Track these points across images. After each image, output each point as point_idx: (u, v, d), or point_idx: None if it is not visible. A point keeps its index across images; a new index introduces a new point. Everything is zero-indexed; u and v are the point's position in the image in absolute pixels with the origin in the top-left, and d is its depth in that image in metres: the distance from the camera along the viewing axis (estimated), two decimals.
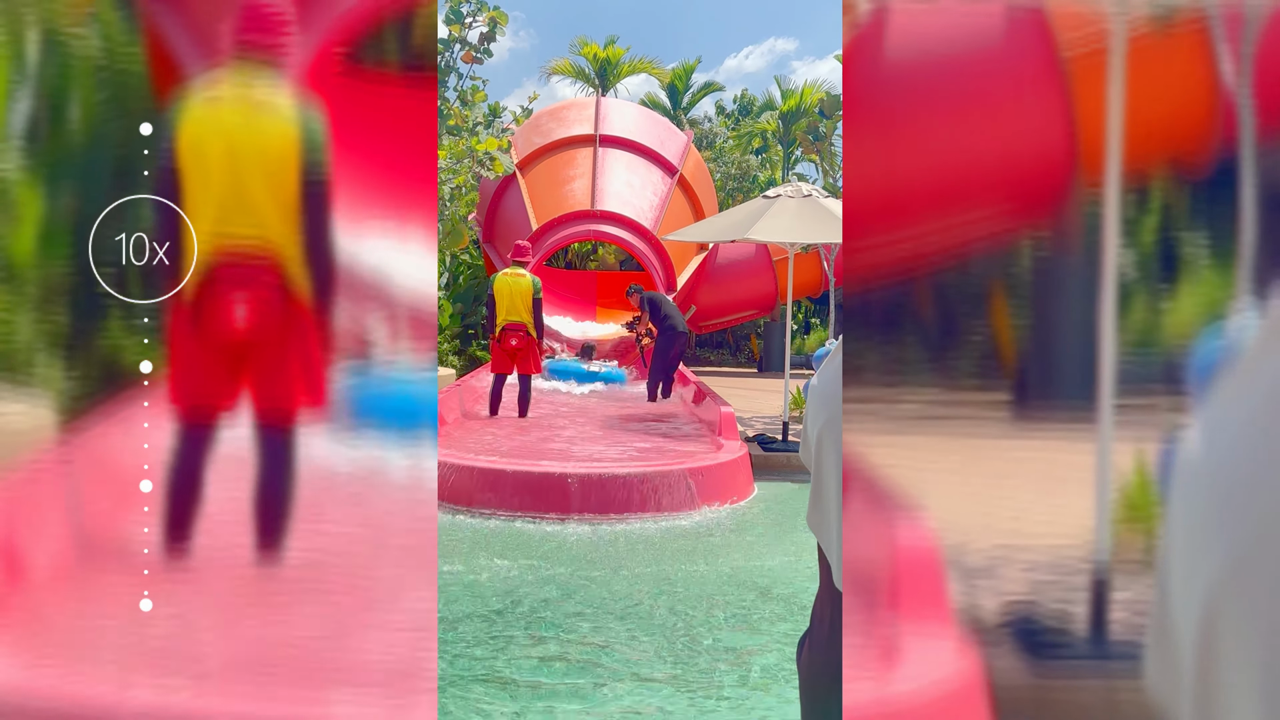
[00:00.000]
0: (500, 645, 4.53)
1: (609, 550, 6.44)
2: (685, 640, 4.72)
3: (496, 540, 6.57)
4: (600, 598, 5.38)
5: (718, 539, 6.83)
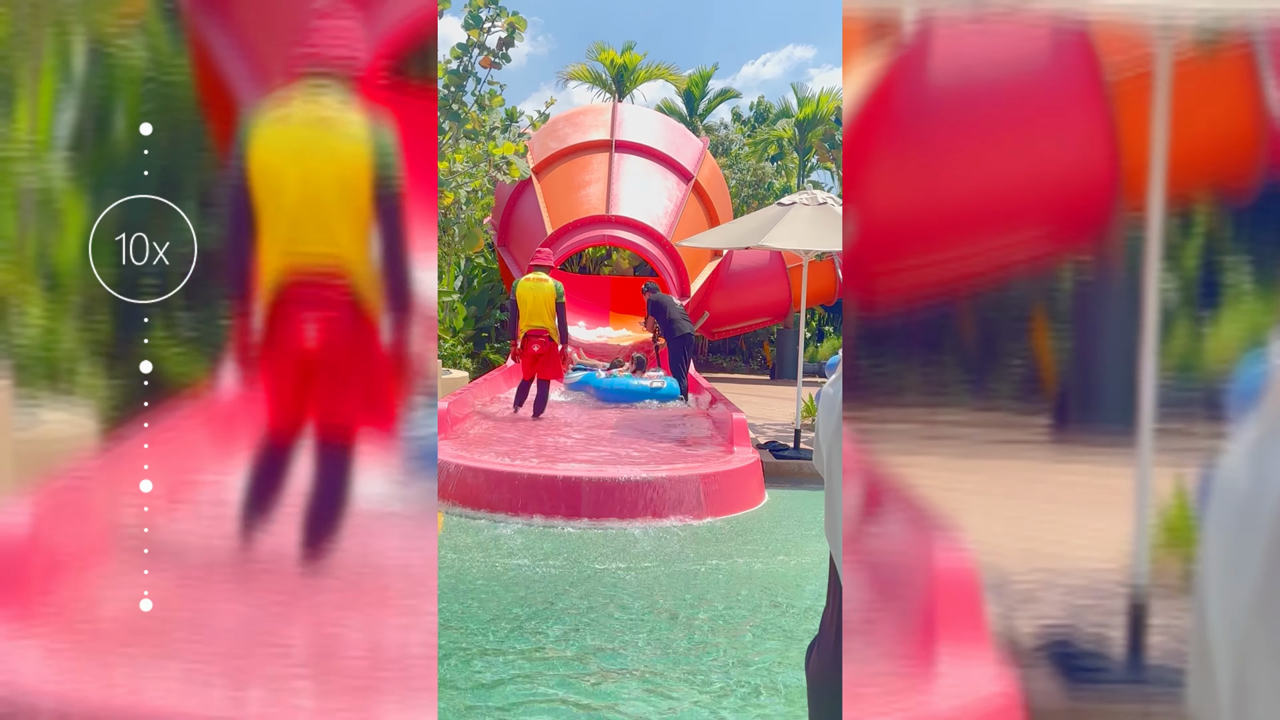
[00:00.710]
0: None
1: (618, 553, 6.45)
2: (692, 645, 4.72)
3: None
4: (608, 600, 5.38)
5: (727, 545, 6.83)
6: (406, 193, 2.48)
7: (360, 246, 2.43)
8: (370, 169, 2.45)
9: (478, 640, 4.70)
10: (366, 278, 2.44)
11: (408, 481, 2.42)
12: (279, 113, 2.44)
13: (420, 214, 2.57)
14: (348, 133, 2.44)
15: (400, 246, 2.45)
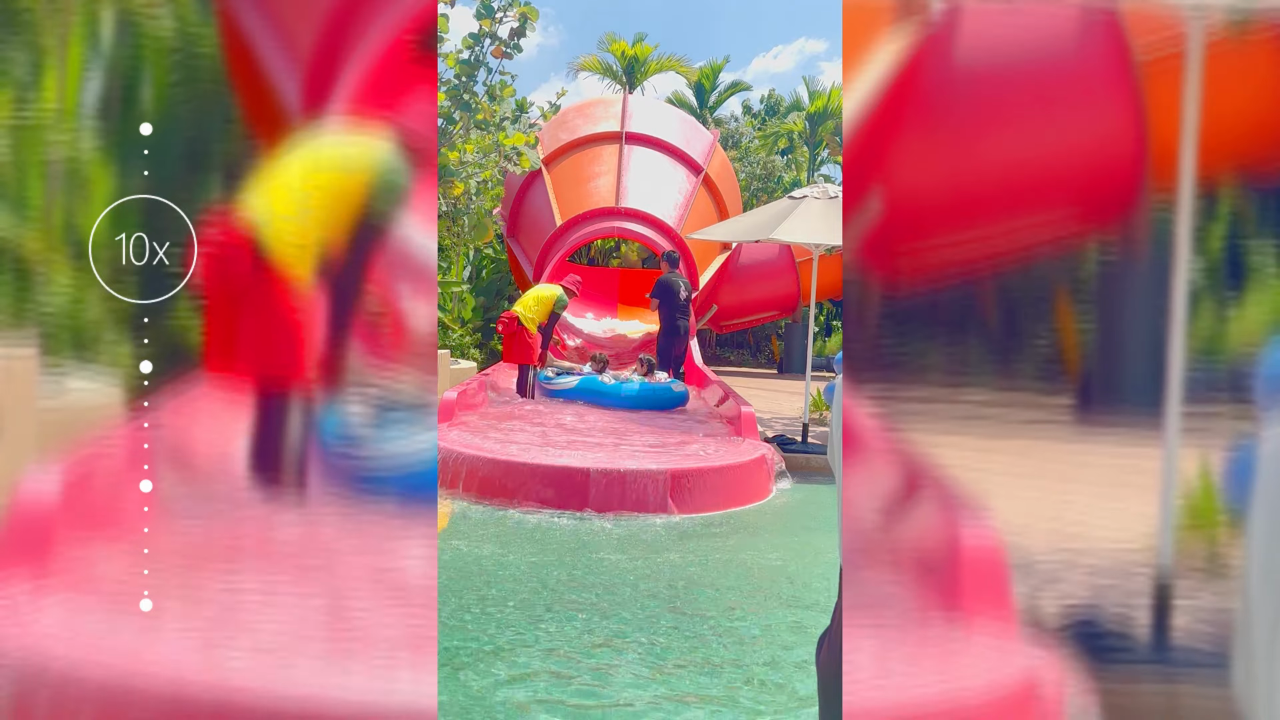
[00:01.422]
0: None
1: (627, 544, 6.44)
2: (700, 637, 4.70)
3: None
4: (615, 591, 5.38)
5: (734, 539, 6.81)
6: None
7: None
8: (364, 194, 2.50)
9: (486, 629, 4.70)
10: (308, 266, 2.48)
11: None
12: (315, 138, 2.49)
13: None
14: (365, 150, 2.48)
15: (361, 266, 2.50)
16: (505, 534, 6.57)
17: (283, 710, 2.08)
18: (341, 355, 2.56)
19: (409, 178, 2.54)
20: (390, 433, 2.55)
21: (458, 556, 5.85)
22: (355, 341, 2.56)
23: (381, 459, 2.53)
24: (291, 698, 2.09)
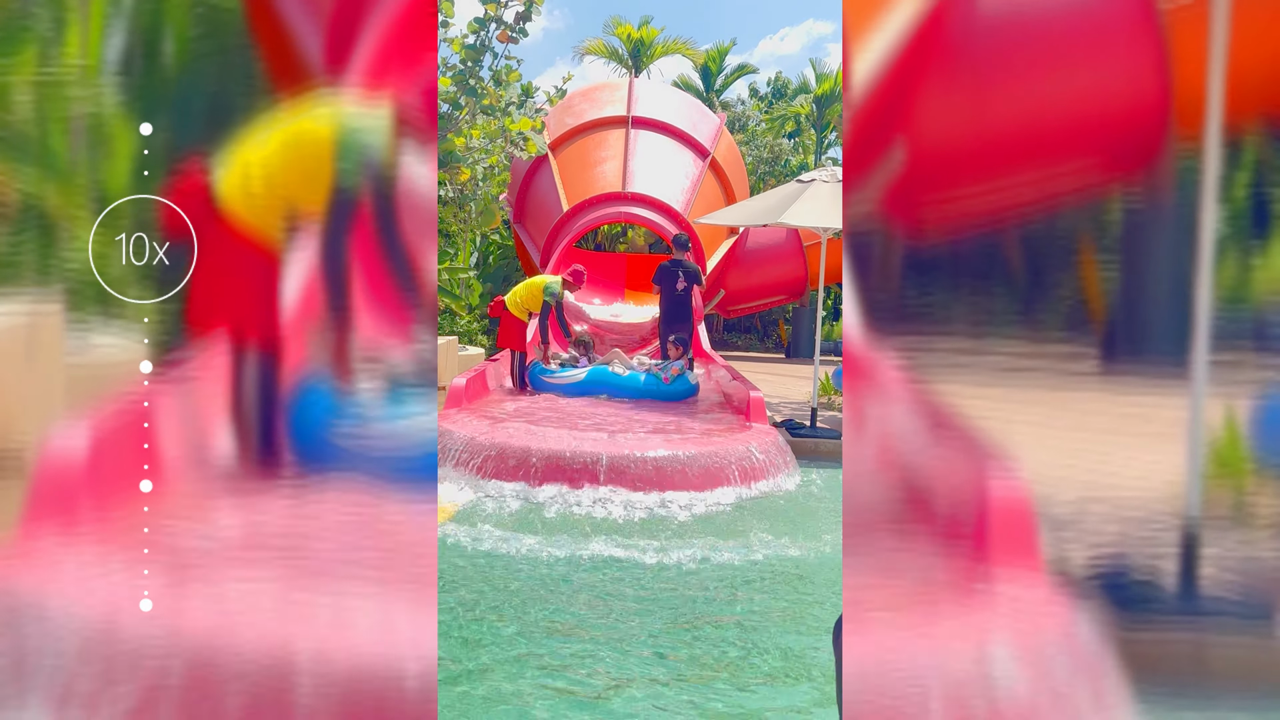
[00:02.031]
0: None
1: (639, 527, 6.44)
2: (708, 622, 4.70)
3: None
4: (624, 573, 5.39)
5: (743, 522, 6.81)
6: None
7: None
8: (333, 160, 2.48)
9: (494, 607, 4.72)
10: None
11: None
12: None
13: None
14: (329, 112, 2.46)
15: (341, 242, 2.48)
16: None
17: (289, 662, 2.10)
18: (333, 319, 2.55)
19: (382, 136, 2.50)
20: (390, 398, 2.55)
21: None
22: (348, 306, 2.55)
23: (382, 423, 2.53)
24: (299, 651, 2.12)
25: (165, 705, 2.12)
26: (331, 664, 2.10)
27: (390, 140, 2.46)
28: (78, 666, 2.15)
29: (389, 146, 2.47)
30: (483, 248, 18.55)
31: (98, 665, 2.15)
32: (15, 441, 2.27)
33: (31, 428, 2.27)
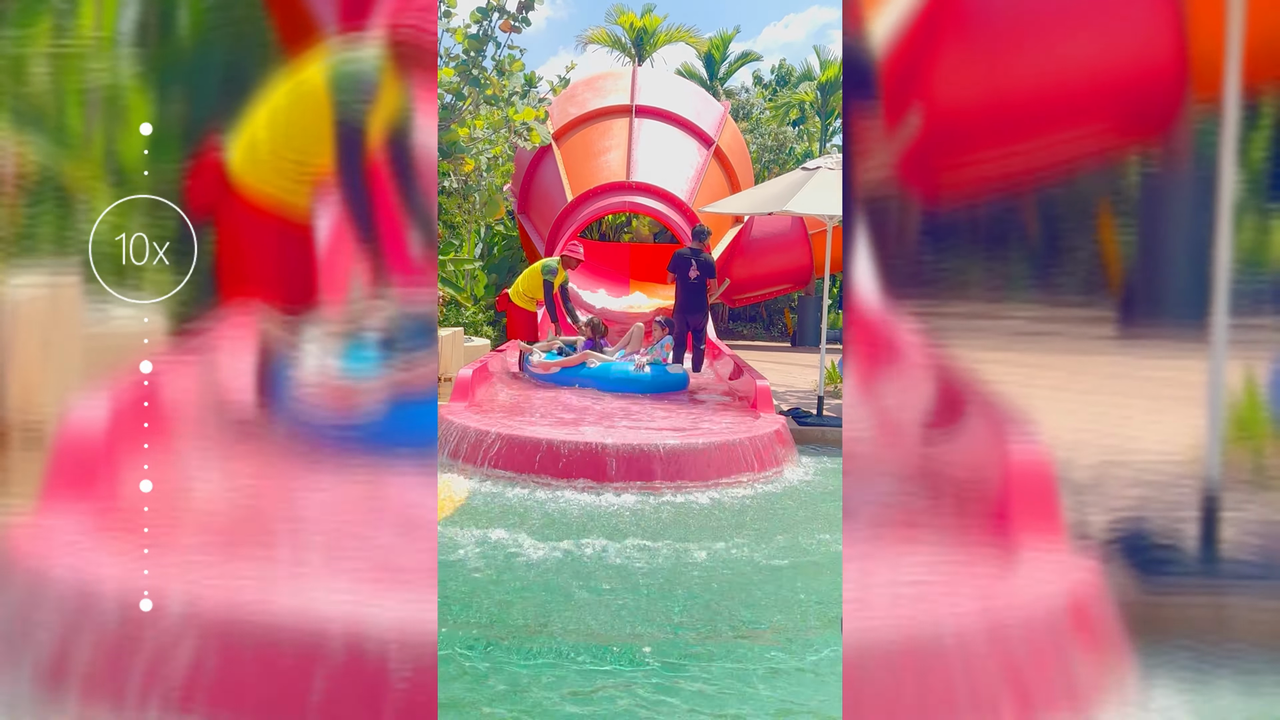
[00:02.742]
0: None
1: (646, 518, 6.42)
2: (717, 610, 4.68)
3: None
4: (630, 563, 5.37)
5: (751, 512, 6.79)
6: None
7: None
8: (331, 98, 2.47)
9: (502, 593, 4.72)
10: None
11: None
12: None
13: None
14: (320, 58, 2.46)
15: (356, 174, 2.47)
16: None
17: (296, 626, 2.12)
18: (354, 281, 2.54)
19: (373, 66, 2.48)
20: (389, 358, 2.54)
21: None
22: (364, 263, 2.53)
23: (380, 385, 2.52)
24: (306, 615, 2.14)
25: (173, 676, 2.13)
26: (333, 637, 2.12)
27: (385, 65, 2.45)
28: (85, 636, 2.16)
29: (384, 70, 2.46)
30: (487, 239, 18.52)
31: (104, 635, 2.16)
32: (35, 414, 2.27)
33: (50, 400, 2.27)
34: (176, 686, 2.13)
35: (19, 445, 2.29)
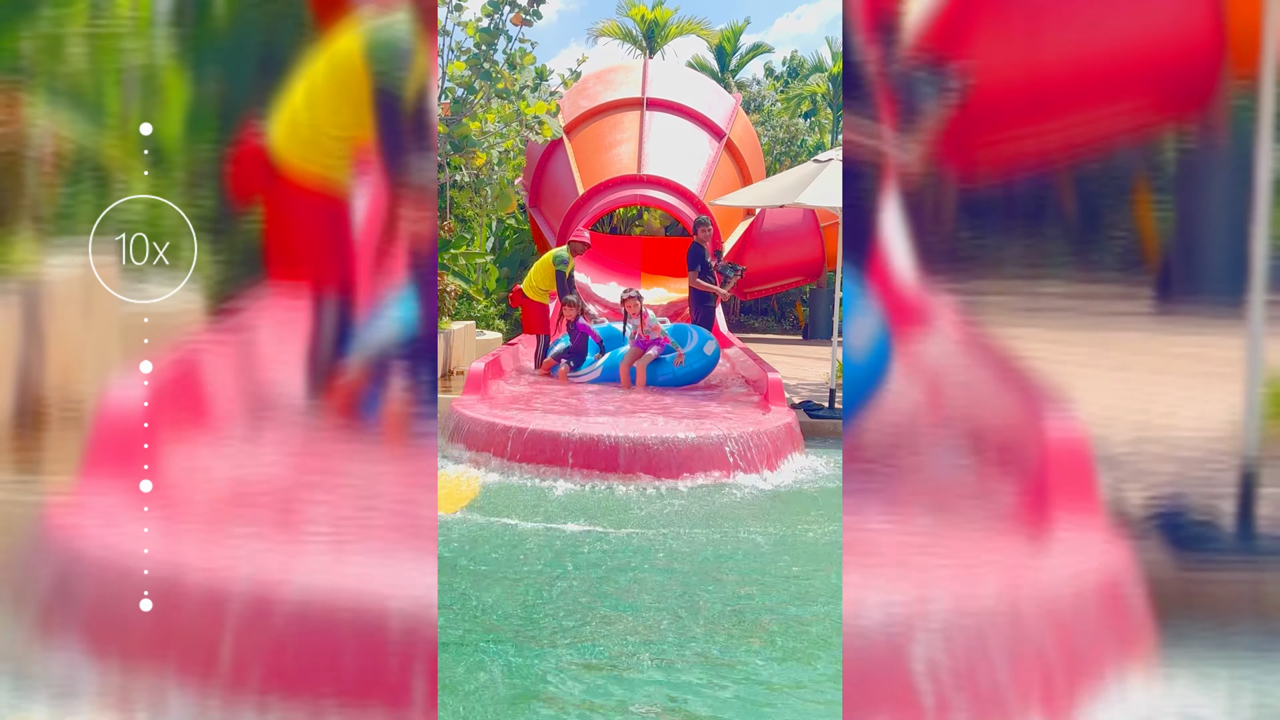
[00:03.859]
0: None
1: (657, 510, 6.41)
2: (729, 604, 4.67)
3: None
4: (644, 556, 5.38)
5: (762, 504, 6.77)
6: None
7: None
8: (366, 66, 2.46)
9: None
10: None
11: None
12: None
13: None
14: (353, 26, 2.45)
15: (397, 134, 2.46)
16: None
17: (305, 598, 2.16)
18: (394, 258, 2.54)
19: (406, 30, 2.47)
20: (392, 325, 2.55)
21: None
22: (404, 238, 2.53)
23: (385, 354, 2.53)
24: (312, 587, 2.17)
25: (201, 650, 2.16)
26: (335, 605, 2.15)
27: (417, 29, 2.45)
28: (121, 605, 2.19)
29: (417, 35, 2.45)
30: (499, 232, 18.53)
31: (138, 603, 2.18)
32: (75, 392, 2.29)
33: (90, 378, 2.28)
34: (205, 661, 2.15)
35: (58, 424, 2.30)
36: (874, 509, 2.25)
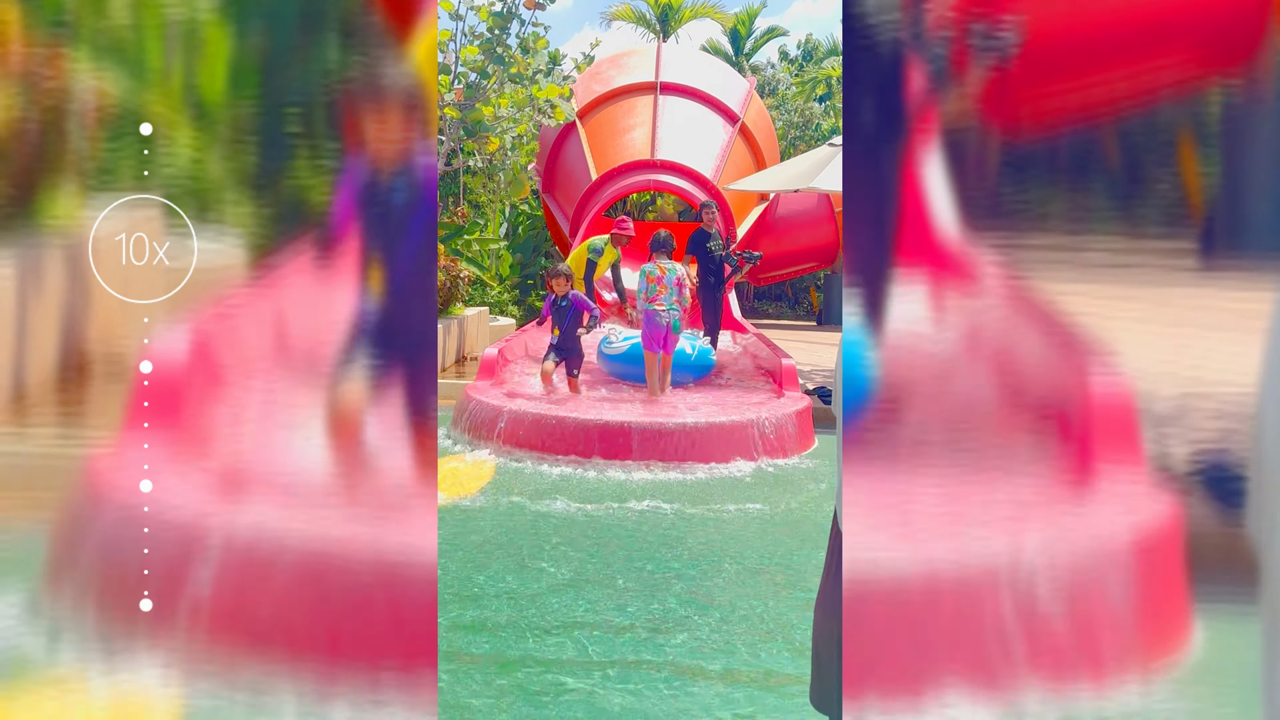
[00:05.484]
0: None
1: (672, 495, 6.42)
2: (737, 588, 4.69)
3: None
4: (660, 539, 5.39)
5: (776, 489, 6.78)
6: None
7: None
8: None
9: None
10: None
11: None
12: None
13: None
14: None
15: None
16: None
17: (317, 550, 2.20)
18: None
19: None
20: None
21: None
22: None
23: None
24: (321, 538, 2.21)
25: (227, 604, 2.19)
26: (334, 560, 2.17)
27: None
28: (163, 562, 2.21)
29: None
30: (512, 218, 18.52)
31: (181, 560, 2.20)
32: (118, 346, 2.29)
33: (132, 333, 2.29)
34: (228, 613, 2.18)
35: (101, 378, 2.31)
36: (881, 465, 2.23)
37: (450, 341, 12.33)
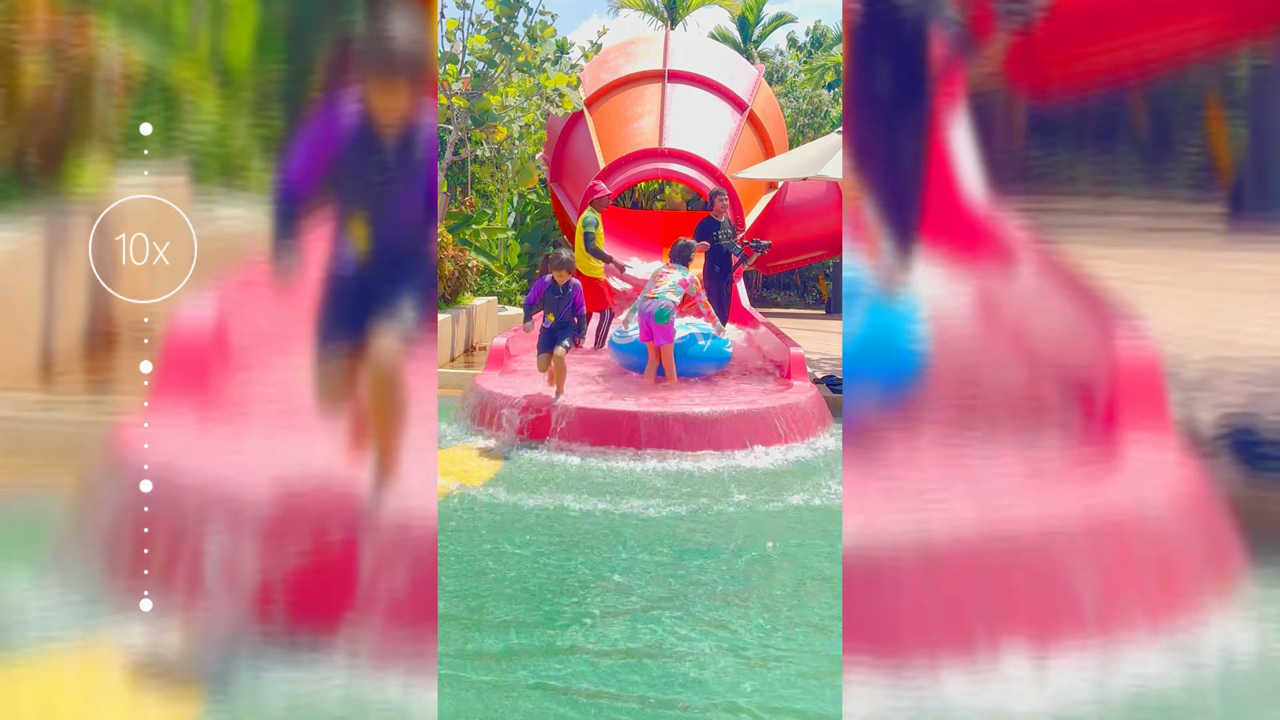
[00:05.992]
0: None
1: (679, 485, 6.39)
2: (744, 575, 4.66)
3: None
4: (667, 531, 5.37)
5: (785, 478, 6.74)
6: None
7: None
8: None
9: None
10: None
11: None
12: None
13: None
14: None
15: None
16: None
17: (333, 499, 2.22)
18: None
19: None
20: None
21: None
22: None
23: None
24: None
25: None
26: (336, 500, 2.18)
27: None
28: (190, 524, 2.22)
29: None
30: (520, 207, 18.49)
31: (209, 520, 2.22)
32: (144, 313, 2.29)
33: (160, 300, 2.29)
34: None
35: (128, 346, 2.31)
36: (897, 432, 2.24)
37: (459, 331, 12.31)
